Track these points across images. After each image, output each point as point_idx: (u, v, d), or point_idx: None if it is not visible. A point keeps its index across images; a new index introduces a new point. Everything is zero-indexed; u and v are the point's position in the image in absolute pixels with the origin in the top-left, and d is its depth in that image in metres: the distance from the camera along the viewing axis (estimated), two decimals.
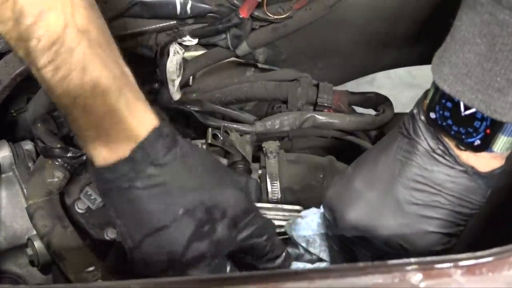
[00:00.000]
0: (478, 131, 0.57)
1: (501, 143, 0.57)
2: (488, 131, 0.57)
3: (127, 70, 0.57)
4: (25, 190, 0.85)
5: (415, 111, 0.61)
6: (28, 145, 0.88)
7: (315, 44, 1.04)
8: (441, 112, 0.58)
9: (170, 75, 0.95)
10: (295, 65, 1.02)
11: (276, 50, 1.02)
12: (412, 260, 0.47)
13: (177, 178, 0.58)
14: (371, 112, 0.99)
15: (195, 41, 0.96)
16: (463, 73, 0.55)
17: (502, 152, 0.58)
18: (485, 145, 0.57)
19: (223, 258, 0.61)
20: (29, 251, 0.82)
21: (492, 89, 0.54)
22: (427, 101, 0.60)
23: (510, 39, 0.52)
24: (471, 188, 0.60)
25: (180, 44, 0.96)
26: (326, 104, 0.94)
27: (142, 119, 0.56)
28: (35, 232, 0.82)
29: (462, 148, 0.59)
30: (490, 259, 0.47)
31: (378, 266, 0.47)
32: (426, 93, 0.61)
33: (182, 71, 0.98)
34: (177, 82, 0.96)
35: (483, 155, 0.59)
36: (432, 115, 0.59)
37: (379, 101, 0.99)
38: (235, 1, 0.89)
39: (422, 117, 0.60)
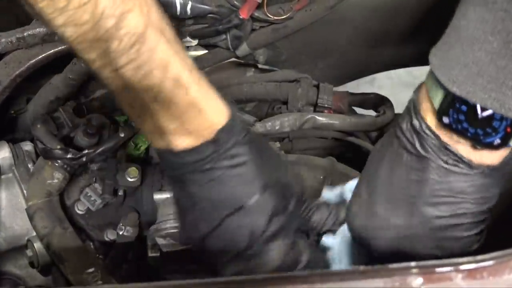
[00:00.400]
0: (498, 130, 0.55)
1: None
2: (508, 129, 0.55)
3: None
4: (25, 191, 0.85)
5: (415, 123, 0.58)
6: (28, 146, 0.88)
7: (315, 45, 1.03)
8: (455, 116, 0.56)
9: None
10: (295, 66, 1.02)
11: (276, 51, 1.02)
12: (413, 264, 0.47)
13: (255, 157, 0.61)
14: (372, 113, 0.99)
15: (195, 42, 0.96)
16: (473, 72, 0.53)
17: None
18: (505, 143, 0.56)
19: (293, 231, 0.65)
20: (29, 252, 0.82)
21: (506, 87, 0.52)
22: (436, 106, 0.57)
23: None
24: (489, 183, 0.59)
25: None
26: (326, 105, 0.94)
27: (219, 107, 0.60)
28: (35, 233, 0.82)
29: (479, 147, 0.57)
30: (490, 263, 0.46)
31: (378, 270, 0.47)
32: (415, 100, 0.59)
33: None
34: None
35: (499, 150, 0.57)
36: (446, 119, 0.56)
37: (379, 102, 0.99)
38: (235, 2, 0.88)
39: (427, 131, 0.58)
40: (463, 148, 0.57)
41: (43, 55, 0.86)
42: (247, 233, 0.61)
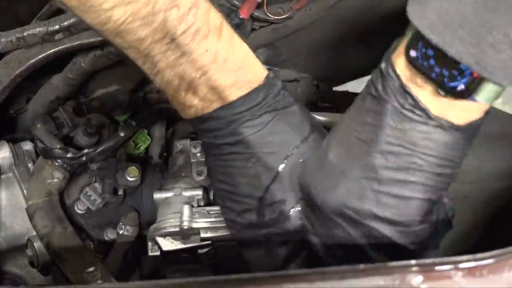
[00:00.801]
0: (464, 74, 0.51)
1: (486, 91, 0.52)
2: (475, 74, 0.51)
3: None
4: (25, 191, 0.85)
5: (383, 65, 0.57)
6: (28, 146, 0.88)
7: (315, 44, 1.03)
8: (423, 50, 0.52)
9: None
10: (295, 66, 1.02)
11: (276, 50, 1.02)
12: (413, 262, 0.47)
13: (297, 100, 0.65)
14: None
15: None
16: (455, 22, 0.50)
17: (485, 102, 0.53)
18: (469, 91, 0.52)
19: None
20: (29, 251, 0.82)
21: (485, 43, 0.50)
22: (405, 42, 0.55)
23: None
24: (448, 144, 0.55)
25: None
26: (326, 104, 0.94)
27: (260, 62, 0.64)
28: (35, 233, 0.82)
29: (442, 93, 0.53)
30: (490, 261, 0.46)
31: (378, 268, 0.47)
32: (396, 43, 0.57)
33: None
34: None
35: (460, 105, 0.53)
36: (413, 53, 0.53)
37: None
38: (235, 1, 0.88)
39: (391, 72, 0.55)
40: (423, 93, 0.54)
41: (43, 54, 0.86)
42: (309, 171, 0.62)
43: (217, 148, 0.64)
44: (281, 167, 0.62)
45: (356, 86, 1.09)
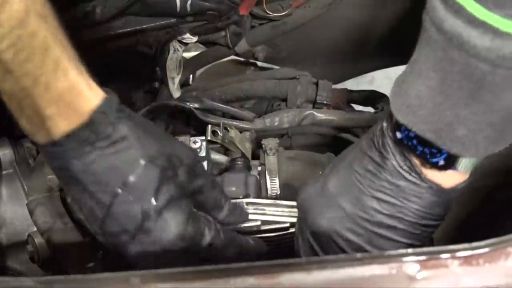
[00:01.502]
0: (442, 152, 0.59)
1: (464, 163, 0.59)
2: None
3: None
4: (25, 187, 0.86)
5: (384, 125, 0.62)
6: (28, 142, 0.89)
7: (314, 42, 1.04)
8: (406, 132, 0.60)
9: (170, 72, 0.96)
10: (294, 63, 1.03)
11: (275, 48, 1.03)
12: (409, 251, 0.47)
13: (134, 133, 0.62)
14: (370, 110, 1.00)
15: (195, 38, 0.96)
16: (416, 104, 0.57)
17: (466, 171, 0.60)
18: (449, 165, 0.59)
19: (187, 201, 0.67)
20: (30, 247, 0.82)
21: (442, 122, 0.56)
22: (394, 120, 0.61)
23: (458, 76, 0.54)
24: (434, 202, 0.62)
25: (180, 41, 0.96)
26: (325, 102, 0.95)
27: (95, 90, 0.61)
28: (35, 229, 0.82)
29: (428, 166, 0.60)
30: (486, 250, 0.47)
31: (375, 257, 0.47)
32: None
33: (182, 68, 0.98)
34: (177, 80, 0.96)
35: (448, 172, 0.61)
36: (398, 135, 0.61)
37: (377, 99, 0.99)
38: None
39: (390, 134, 0.61)
40: (417, 162, 0.61)
41: None
42: (138, 208, 0.62)
43: (57, 177, 0.66)
44: (111, 203, 0.62)
45: (355, 86, 1.10)
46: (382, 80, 1.78)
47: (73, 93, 0.59)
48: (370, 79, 1.74)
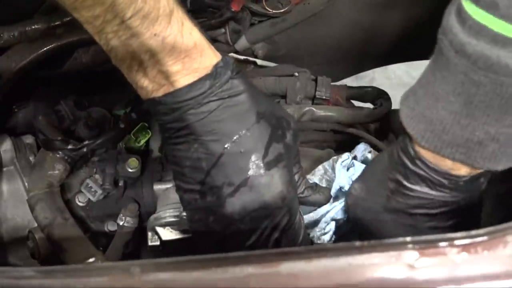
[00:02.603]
0: None
1: None
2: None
3: None
4: (26, 184, 0.86)
5: (406, 161, 0.63)
6: (29, 139, 0.89)
7: (314, 39, 1.04)
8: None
9: None
10: (294, 61, 1.03)
11: (275, 45, 1.03)
12: (408, 239, 0.47)
13: (249, 90, 0.65)
14: (369, 106, 1.00)
15: None
16: (439, 129, 0.58)
17: None
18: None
19: (292, 162, 0.69)
20: (30, 243, 0.83)
21: (471, 142, 0.57)
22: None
23: (487, 97, 0.54)
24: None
25: None
26: (324, 97, 0.95)
27: (213, 49, 0.64)
28: (36, 225, 0.82)
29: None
30: (485, 238, 0.47)
31: (374, 245, 0.47)
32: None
33: None
34: None
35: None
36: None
37: (376, 95, 0.99)
38: None
39: (412, 167, 0.63)
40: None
41: (44, 49, 0.87)
42: (247, 160, 0.64)
43: (166, 131, 0.66)
44: (221, 153, 0.64)
45: (355, 85, 1.10)
46: (382, 80, 1.78)
47: (198, 50, 0.62)
48: (370, 79, 1.75)
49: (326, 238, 0.73)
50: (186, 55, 0.61)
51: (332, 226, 0.74)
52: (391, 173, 0.65)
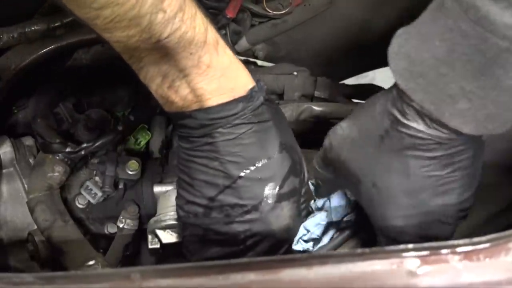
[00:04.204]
0: None
1: None
2: None
3: None
4: (26, 186, 0.86)
5: (404, 96, 0.58)
6: (28, 141, 0.89)
7: (314, 40, 1.04)
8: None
9: None
10: (294, 62, 1.02)
11: (275, 46, 1.03)
12: (410, 246, 0.47)
13: (277, 118, 0.66)
14: None
15: None
16: (417, 71, 0.55)
17: None
18: None
19: (302, 197, 0.69)
20: (30, 246, 0.82)
21: (444, 93, 0.54)
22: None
23: (470, 49, 0.51)
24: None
25: None
26: (323, 97, 0.94)
27: (247, 71, 0.64)
28: (35, 227, 0.82)
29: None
30: (487, 245, 0.47)
31: (376, 252, 0.47)
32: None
33: None
34: None
35: None
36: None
37: (376, 92, 0.99)
38: (219, 3, 0.89)
39: (410, 101, 0.58)
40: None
41: (44, 50, 0.87)
42: (262, 188, 0.64)
43: (188, 143, 0.66)
44: (239, 176, 0.64)
45: (354, 80, 1.10)
46: (383, 79, 1.78)
47: (232, 71, 0.62)
48: (371, 78, 1.74)
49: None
50: (222, 74, 0.61)
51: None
52: (387, 110, 0.60)
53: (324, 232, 0.72)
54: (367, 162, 0.63)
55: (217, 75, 0.61)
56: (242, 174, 0.64)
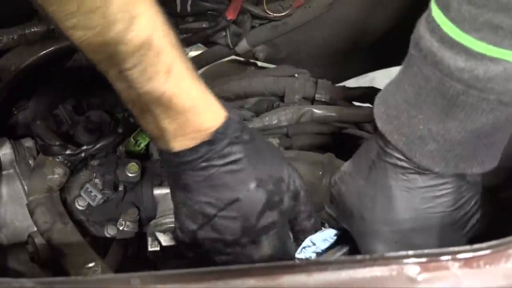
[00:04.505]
0: None
1: None
2: None
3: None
4: (25, 187, 0.86)
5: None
6: (28, 142, 0.89)
7: (315, 42, 1.04)
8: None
9: None
10: (294, 64, 1.02)
11: (275, 48, 1.03)
12: (410, 252, 0.47)
13: (249, 155, 0.64)
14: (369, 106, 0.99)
15: (188, 49, 0.97)
16: (393, 114, 0.58)
17: None
18: None
19: (287, 226, 0.69)
20: (30, 247, 0.82)
21: (414, 135, 0.57)
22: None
23: (433, 92, 0.55)
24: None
25: None
26: (324, 99, 0.94)
27: (216, 109, 0.63)
28: (35, 229, 0.82)
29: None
30: (487, 252, 0.47)
31: (376, 259, 0.47)
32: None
33: None
34: None
35: None
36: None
37: (376, 95, 0.99)
38: (219, 5, 0.89)
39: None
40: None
41: (44, 51, 0.87)
42: (238, 226, 0.64)
43: (167, 173, 0.68)
44: (214, 215, 0.64)
45: (355, 84, 1.10)
46: (383, 80, 1.77)
47: (193, 113, 0.60)
48: (371, 79, 1.74)
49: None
50: (181, 115, 0.60)
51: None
52: (375, 142, 0.63)
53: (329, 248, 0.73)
54: (358, 194, 0.66)
55: (178, 113, 0.60)
56: (216, 213, 0.64)
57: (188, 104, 0.59)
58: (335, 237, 0.72)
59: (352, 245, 0.72)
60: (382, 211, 0.63)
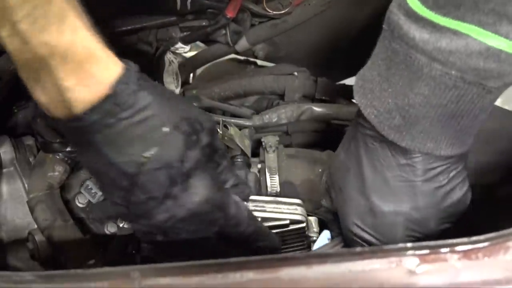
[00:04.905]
0: None
1: None
2: None
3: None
4: (26, 185, 0.86)
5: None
6: (29, 140, 0.89)
7: (314, 41, 1.04)
8: None
9: (168, 85, 0.96)
10: (294, 62, 1.03)
11: (275, 46, 1.03)
12: (409, 245, 0.47)
13: (156, 100, 0.61)
14: None
15: (187, 47, 0.97)
16: (368, 88, 0.62)
17: None
18: None
19: (212, 164, 0.68)
20: (30, 245, 0.82)
21: (384, 108, 0.60)
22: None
23: (400, 65, 0.57)
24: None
25: (173, 53, 0.97)
26: (324, 98, 0.95)
27: (114, 60, 0.60)
28: (36, 226, 0.82)
29: None
30: (485, 244, 0.47)
31: (375, 251, 0.47)
32: None
33: (179, 80, 0.98)
34: (177, 91, 0.96)
35: None
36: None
37: None
38: (218, 3, 0.89)
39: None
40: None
41: None
42: (165, 175, 0.61)
43: (77, 152, 0.66)
44: (137, 173, 0.61)
45: (354, 81, 1.10)
46: None
47: (92, 61, 0.58)
48: None
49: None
50: (79, 67, 0.57)
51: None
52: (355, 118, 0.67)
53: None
54: (339, 168, 0.69)
55: (75, 66, 0.57)
56: (138, 170, 0.61)
57: (85, 54, 0.57)
58: (329, 237, 0.73)
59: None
60: (355, 180, 0.67)
